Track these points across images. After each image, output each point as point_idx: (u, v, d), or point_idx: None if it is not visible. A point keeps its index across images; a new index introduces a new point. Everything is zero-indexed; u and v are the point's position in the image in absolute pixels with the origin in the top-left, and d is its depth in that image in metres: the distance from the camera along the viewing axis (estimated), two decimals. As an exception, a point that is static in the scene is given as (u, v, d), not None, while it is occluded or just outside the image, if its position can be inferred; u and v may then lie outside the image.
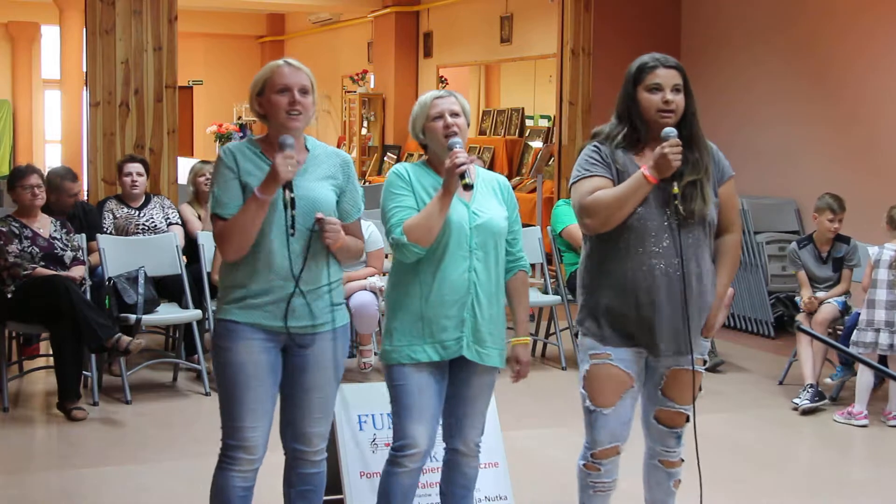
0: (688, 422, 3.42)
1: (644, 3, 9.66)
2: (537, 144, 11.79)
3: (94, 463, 4.94)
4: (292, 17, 18.49)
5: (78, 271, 5.92)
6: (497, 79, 14.21)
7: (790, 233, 8.34)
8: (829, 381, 6.23)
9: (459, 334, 3.29)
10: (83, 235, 6.23)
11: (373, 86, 14.81)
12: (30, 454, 5.21)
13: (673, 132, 3.17)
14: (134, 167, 6.71)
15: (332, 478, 3.95)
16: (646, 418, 3.50)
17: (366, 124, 14.55)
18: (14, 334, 6.35)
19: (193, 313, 6.13)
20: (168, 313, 6.22)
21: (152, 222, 6.68)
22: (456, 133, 3.28)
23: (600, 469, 3.39)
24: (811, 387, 5.99)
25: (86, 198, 7.39)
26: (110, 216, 6.65)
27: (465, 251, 3.29)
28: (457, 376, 3.39)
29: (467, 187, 3.21)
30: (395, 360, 3.31)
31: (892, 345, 5.71)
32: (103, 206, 6.74)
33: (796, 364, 6.44)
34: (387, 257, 6.66)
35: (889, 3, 7.75)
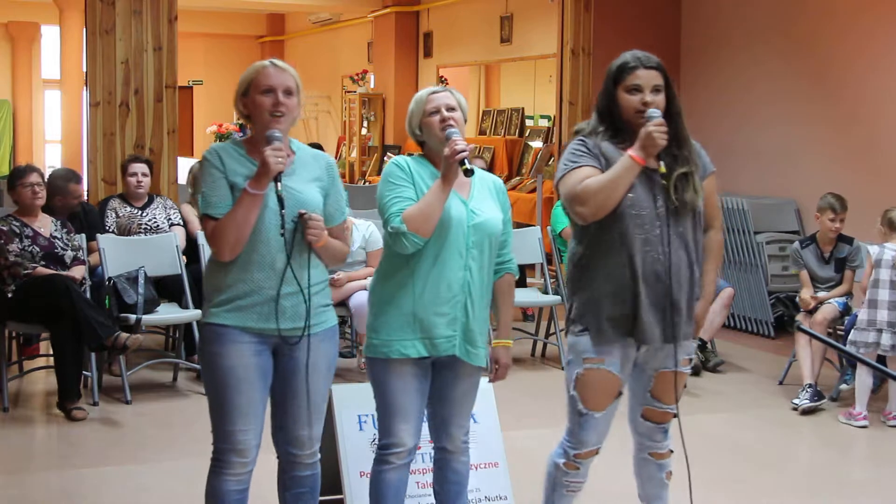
0: (675, 417, 3.41)
1: (644, 3, 9.66)
2: (537, 144, 11.78)
3: (94, 463, 4.94)
4: (292, 17, 18.48)
5: (78, 271, 5.92)
6: (497, 79, 14.20)
7: (790, 233, 8.34)
8: (846, 385, 6.23)
9: (452, 333, 3.28)
10: (83, 235, 6.23)
11: (373, 86, 14.79)
12: (30, 454, 5.21)
13: (657, 113, 3.17)
14: (139, 167, 6.73)
15: (332, 478, 3.95)
16: (633, 416, 3.49)
17: (366, 124, 14.54)
18: (14, 334, 6.35)
19: (193, 313, 6.13)
20: (168, 313, 6.23)
21: (155, 222, 6.68)
22: (452, 126, 3.27)
23: (579, 468, 3.41)
24: (810, 387, 5.99)
25: (86, 198, 7.38)
26: (113, 215, 6.66)
27: (461, 249, 3.27)
28: (443, 376, 3.37)
29: (468, 172, 3.19)
30: (382, 353, 3.28)
31: (894, 345, 5.71)
32: (106, 204, 6.74)
33: (796, 364, 6.43)
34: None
35: (889, 3, 7.74)
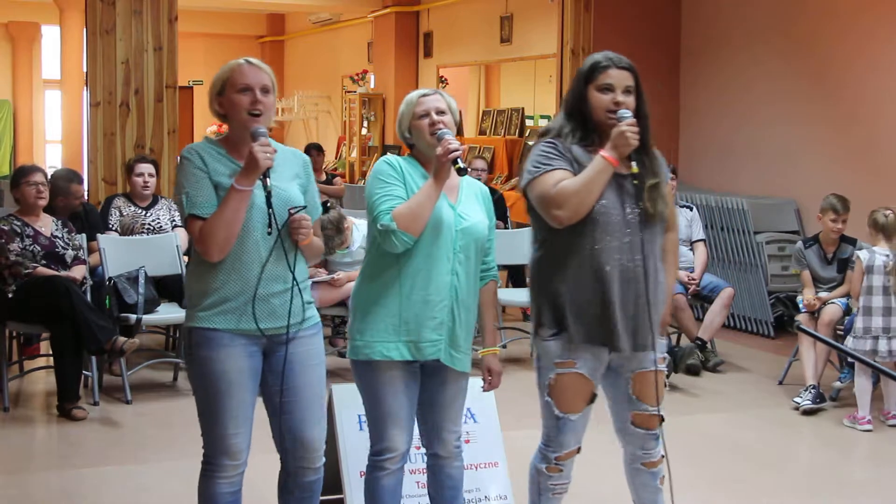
0: (663, 422, 3.40)
1: (644, 3, 9.67)
2: (537, 144, 11.77)
3: (94, 463, 4.94)
4: (292, 17, 18.48)
5: (79, 271, 5.92)
6: (497, 79, 14.21)
7: (790, 233, 8.34)
8: (839, 383, 6.22)
9: (437, 337, 3.24)
10: (84, 235, 6.23)
11: (373, 86, 14.79)
12: (30, 454, 5.21)
13: (628, 113, 3.15)
14: (146, 167, 6.74)
15: (332, 478, 3.95)
16: (622, 426, 3.43)
17: (366, 124, 14.54)
18: (14, 334, 6.35)
19: (193, 313, 6.12)
20: (168, 313, 6.22)
21: (158, 223, 6.68)
22: (441, 130, 3.24)
23: (562, 470, 3.39)
24: (813, 388, 5.99)
25: (86, 198, 7.39)
26: (117, 213, 6.66)
27: (449, 252, 3.25)
28: (431, 381, 3.35)
29: (461, 171, 3.19)
30: (366, 356, 3.24)
31: (890, 350, 5.69)
32: (110, 202, 6.75)
33: (796, 364, 6.44)
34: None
35: (889, 3, 7.75)
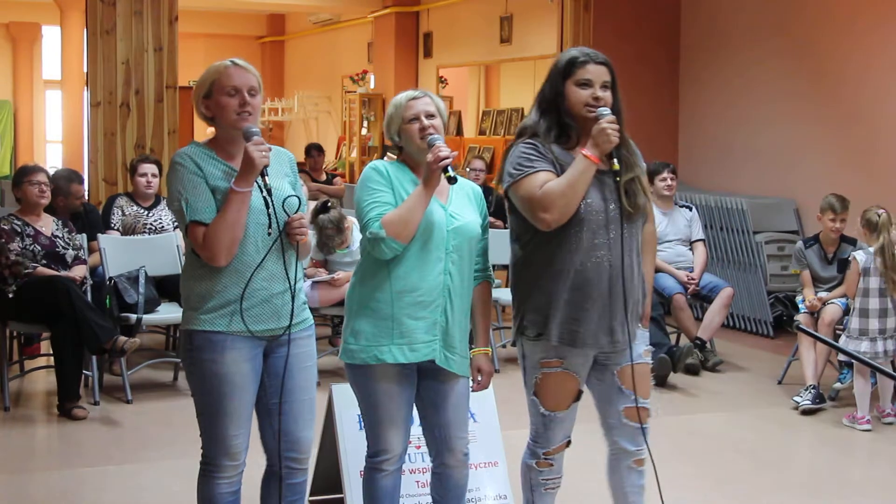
0: (650, 417, 3.38)
1: (644, 3, 9.67)
2: (537, 144, 11.78)
3: (94, 463, 4.94)
4: (292, 17, 18.47)
5: (79, 271, 5.93)
6: (497, 79, 14.21)
7: (789, 232, 8.35)
8: (839, 384, 6.22)
9: (431, 338, 3.21)
10: (84, 235, 6.24)
11: (373, 86, 14.80)
12: (30, 454, 5.21)
13: (607, 111, 3.15)
14: (149, 167, 6.74)
15: (332, 478, 3.96)
16: (615, 422, 3.38)
17: (366, 124, 14.54)
18: (15, 334, 6.36)
19: (194, 313, 6.13)
20: (168, 313, 6.22)
21: (160, 223, 6.68)
22: (433, 134, 3.22)
23: (552, 465, 3.39)
24: (813, 388, 5.99)
25: (86, 198, 7.39)
26: (119, 212, 6.67)
27: (441, 253, 3.22)
28: (430, 388, 3.31)
29: (451, 180, 3.16)
30: (360, 359, 3.21)
31: (886, 351, 5.69)
32: (113, 202, 6.76)
33: (796, 364, 6.44)
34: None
35: (888, 2, 7.75)
